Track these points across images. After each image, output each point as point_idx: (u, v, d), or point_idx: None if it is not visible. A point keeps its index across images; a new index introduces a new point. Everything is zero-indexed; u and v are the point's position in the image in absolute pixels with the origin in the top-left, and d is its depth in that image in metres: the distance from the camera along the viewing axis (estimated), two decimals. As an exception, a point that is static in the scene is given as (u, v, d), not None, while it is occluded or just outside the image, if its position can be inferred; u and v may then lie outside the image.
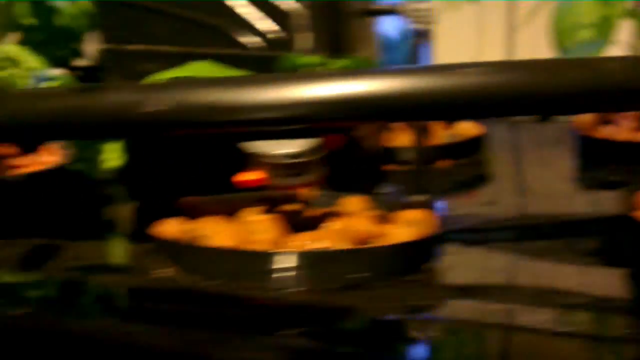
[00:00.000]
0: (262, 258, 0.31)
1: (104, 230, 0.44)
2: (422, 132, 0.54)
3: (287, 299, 0.29)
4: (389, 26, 0.73)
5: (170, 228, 0.37)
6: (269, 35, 0.45)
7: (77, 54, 0.76)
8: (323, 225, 0.35)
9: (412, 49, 0.48)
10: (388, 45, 0.74)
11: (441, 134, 0.63)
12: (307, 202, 0.43)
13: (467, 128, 0.65)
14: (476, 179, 0.60)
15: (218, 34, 0.46)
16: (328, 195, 0.44)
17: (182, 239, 0.35)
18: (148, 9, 0.47)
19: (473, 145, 0.64)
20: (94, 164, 0.57)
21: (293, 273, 0.31)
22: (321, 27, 0.43)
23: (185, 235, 0.36)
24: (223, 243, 0.33)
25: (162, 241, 0.35)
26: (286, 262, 0.31)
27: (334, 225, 0.35)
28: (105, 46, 0.49)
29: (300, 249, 0.33)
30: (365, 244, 0.35)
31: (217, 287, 0.30)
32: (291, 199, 0.43)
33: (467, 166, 0.63)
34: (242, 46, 0.45)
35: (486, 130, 0.65)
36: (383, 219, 0.36)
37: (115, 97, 0.28)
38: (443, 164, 0.61)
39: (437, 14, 0.48)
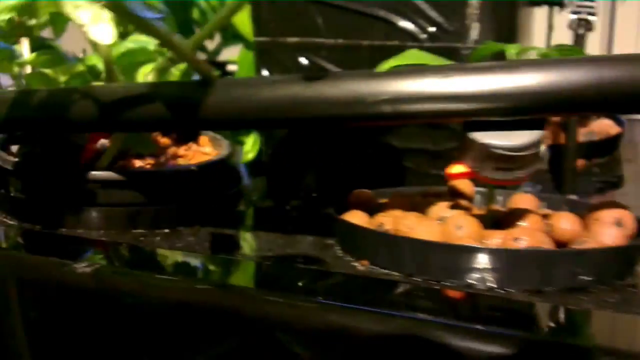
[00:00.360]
0: (477, 254, 0.29)
1: (278, 220, 0.44)
2: (564, 130, 0.52)
3: (505, 298, 0.28)
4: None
5: (355, 220, 0.36)
6: (434, 27, 0.43)
7: (201, 48, 0.76)
8: (520, 223, 0.33)
9: (576, 40, 0.45)
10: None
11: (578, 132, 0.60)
12: (469, 199, 0.41)
13: (603, 126, 0.62)
14: (617, 179, 0.57)
15: (380, 24, 0.44)
16: (486, 192, 0.42)
17: (374, 231, 0.34)
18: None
19: (610, 145, 0.61)
20: (238, 155, 0.57)
21: (508, 271, 0.29)
22: (494, 16, 0.41)
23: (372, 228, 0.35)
24: (422, 237, 0.32)
25: (358, 231, 0.33)
26: (500, 259, 0.29)
27: (534, 223, 0.33)
28: (258, 39, 0.48)
29: (509, 247, 0.31)
30: (569, 244, 0.32)
31: (427, 283, 0.29)
32: (458, 194, 0.41)
33: (605, 165, 0.60)
34: (405, 37, 0.43)
35: (623, 129, 0.62)
36: (580, 218, 0.34)
37: (348, 86, 0.27)
38: (579, 163, 0.58)
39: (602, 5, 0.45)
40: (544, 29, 0.65)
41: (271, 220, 0.45)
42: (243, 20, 0.66)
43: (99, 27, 0.26)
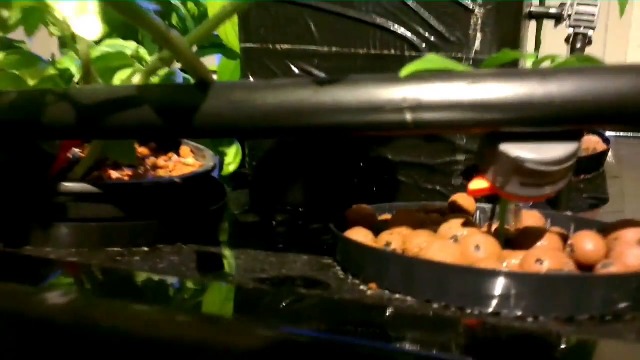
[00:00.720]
0: (505, 279, 0.25)
1: (267, 237, 0.40)
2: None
3: (537, 329, 0.24)
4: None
5: (359, 238, 0.33)
6: (434, 36, 0.40)
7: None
8: (538, 243, 0.31)
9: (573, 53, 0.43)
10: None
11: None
12: (470, 215, 0.38)
13: (590, 143, 0.60)
14: (606, 196, 0.56)
15: (377, 32, 0.41)
16: (484, 209, 0.39)
17: (386, 251, 0.30)
18: (295, 4, 0.42)
19: (597, 161, 0.59)
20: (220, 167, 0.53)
21: (539, 298, 0.25)
22: (497, 27, 0.38)
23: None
24: (439, 259, 0.29)
25: (366, 251, 0.30)
26: (531, 285, 0.25)
27: (553, 243, 0.30)
28: (246, 46, 0.45)
29: (530, 269, 0.28)
30: (595, 266, 0.30)
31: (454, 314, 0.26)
32: (458, 210, 0.38)
33: (592, 182, 0.58)
34: (404, 46, 0.41)
35: (609, 146, 0.61)
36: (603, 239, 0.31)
37: (365, 91, 0.23)
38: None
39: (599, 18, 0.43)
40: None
41: (259, 237, 0.41)
42: (225, 28, 0.63)
43: (83, 20, 0.22)
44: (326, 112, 0.24)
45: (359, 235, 0.32)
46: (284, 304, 0.25)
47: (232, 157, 0.57)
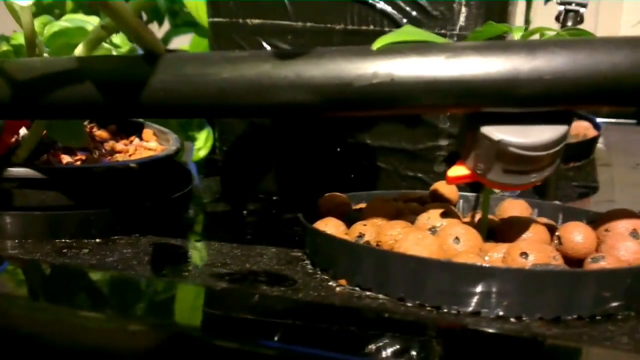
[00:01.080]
0: (486, 274, 0.23)
1: (235, 228, 0.37)
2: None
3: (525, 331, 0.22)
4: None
5: (329, 229, 0.30)
6: (416, 10, 0.38)
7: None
8: (523, 235, 0.28)
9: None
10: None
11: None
12: (452, 204, 0.36)
13: (580, 129, 0.59)
14: (597, 184, 0.54)
15: (354, 6, 0.38)
16: (467, 197, 0.37)
17: (356, 244, 0.28)
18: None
19: (588, 148, 0.57)
20: (189, 152, 0.51)
21: (523, 296, 0.23)
22: (484, 1, 0.36)
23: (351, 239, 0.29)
24: (413, 252, 0.26)
25: (335, 244, 0.27)
26: (515, 281, 0.23)
27: (539, 234, 0.28)
28: (214, 20, 0.42)
29: (514, 263, 0.26)
30: (584, 260, 0.28)
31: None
32: (440, 199, 0.36)
33: (582, 169, 0.56)
34: (384, 21, 0.38)
35: (600, 132, 0.59)
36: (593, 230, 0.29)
37: (332, 65, 0.21)
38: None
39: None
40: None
41: (227, 227, 0.39)
42: (197, 4, 0.60)
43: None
44: (287, 88, 0.22)
45: (329, 226, 0.30)
46: (235, 306, 0.22)
47: (203, 142, 0.55)
